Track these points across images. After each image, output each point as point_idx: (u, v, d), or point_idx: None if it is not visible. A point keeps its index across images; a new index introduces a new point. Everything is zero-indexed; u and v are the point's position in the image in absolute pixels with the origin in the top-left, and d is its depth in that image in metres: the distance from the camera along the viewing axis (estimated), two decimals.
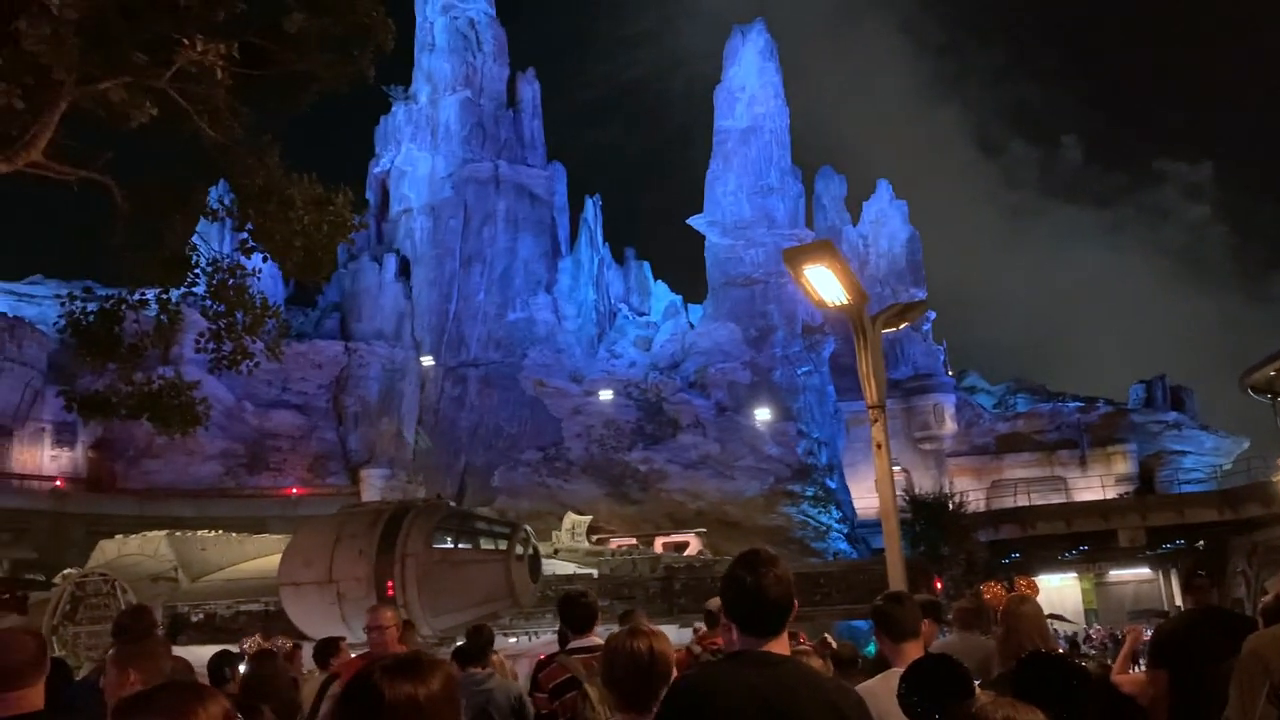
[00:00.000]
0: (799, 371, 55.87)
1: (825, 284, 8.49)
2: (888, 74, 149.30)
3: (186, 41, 7.87)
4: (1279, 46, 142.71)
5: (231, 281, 10.04)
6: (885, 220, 68.29)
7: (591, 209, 63.48)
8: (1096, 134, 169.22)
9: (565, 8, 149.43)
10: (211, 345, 10.38)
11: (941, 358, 67.56)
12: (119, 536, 21.28)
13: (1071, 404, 61.99)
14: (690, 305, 63.68)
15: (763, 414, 52.96)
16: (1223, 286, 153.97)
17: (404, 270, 57.97)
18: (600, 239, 63.58)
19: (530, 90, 63.34)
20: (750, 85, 60.54)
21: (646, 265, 67.09)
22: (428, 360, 55.22)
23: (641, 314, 64.11)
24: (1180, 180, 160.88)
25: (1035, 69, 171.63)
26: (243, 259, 10.38)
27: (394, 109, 61.50)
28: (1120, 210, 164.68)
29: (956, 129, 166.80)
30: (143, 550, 20.16)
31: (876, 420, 8.75)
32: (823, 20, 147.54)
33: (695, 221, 60.42)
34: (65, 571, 20.26)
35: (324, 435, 51.67)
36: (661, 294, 65.27)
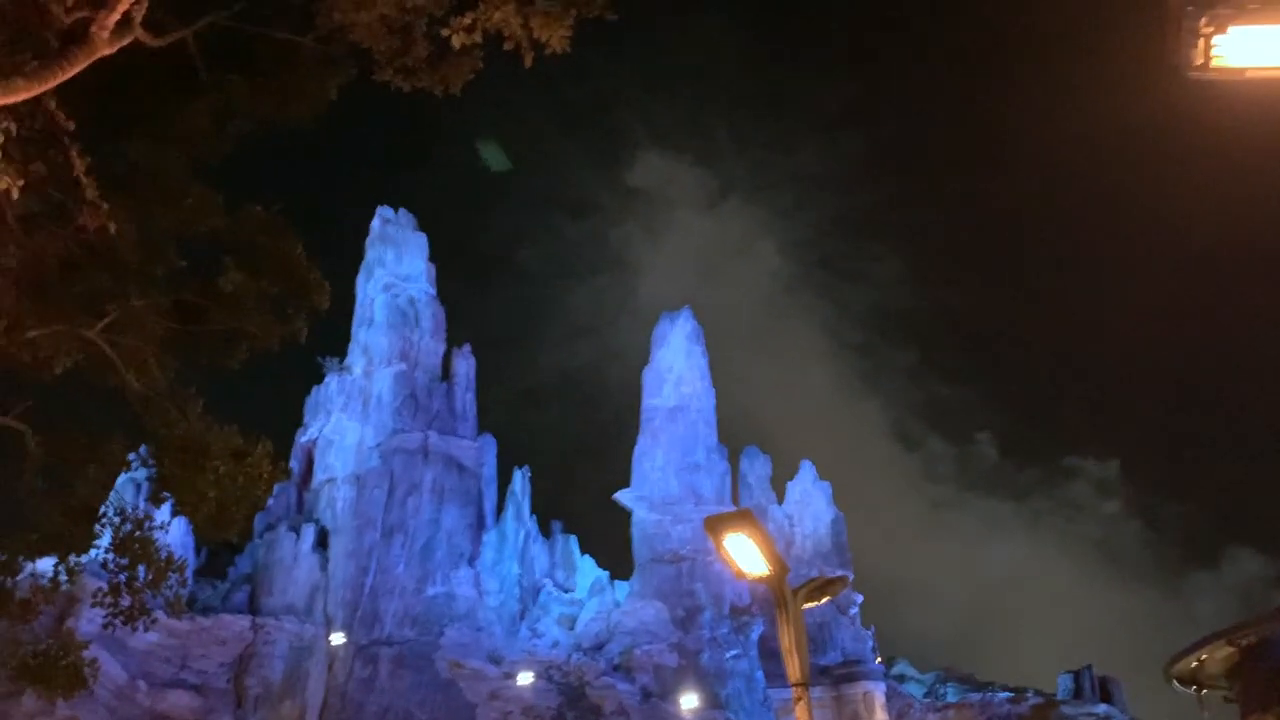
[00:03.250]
0: (727, 655, 54.30)
1: (746, 554, 8.41)
2: (811, 366, 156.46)
3: (123, 294, 8.03)
4: (1177, 344, 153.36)
5: (139, 534, 9.68)
6: (809, 501, 69.01)
7: (520, 480, 63.26)
8: (1008, 431, 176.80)
9: (512, 300, 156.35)
10: (109, 600, 9.85)
11: (870, 644, 66.32)
12: None
13: (1001, 694, 60.72)
14: (617, 582, 62.41)
15: (689, 701, 50.79)
16: (1140, 580, 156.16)
17: (322, 542, 56.33)
18: (528, 512, 62.95)
19: (465, 365, 64.71)
20: (678, 366, 62.72)
21: (574, 539, 66.17)
22: (338, 638, 52.56)
23: (567, 590, 62.50)
24: (1090, 477, 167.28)
25: (946, 369, 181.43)
26: (153, 510, 10.06)
27: (327, 379, 62.14)
28: (1037, 504, 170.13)
29: (877, 422, 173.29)
30: None
31: (800, 699, 8.40)
32: (749, 317, 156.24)
33: (622, 496, 60.47)
34: None
35: (220, 719, 48.16)
36: (588, 569, 64.01)
